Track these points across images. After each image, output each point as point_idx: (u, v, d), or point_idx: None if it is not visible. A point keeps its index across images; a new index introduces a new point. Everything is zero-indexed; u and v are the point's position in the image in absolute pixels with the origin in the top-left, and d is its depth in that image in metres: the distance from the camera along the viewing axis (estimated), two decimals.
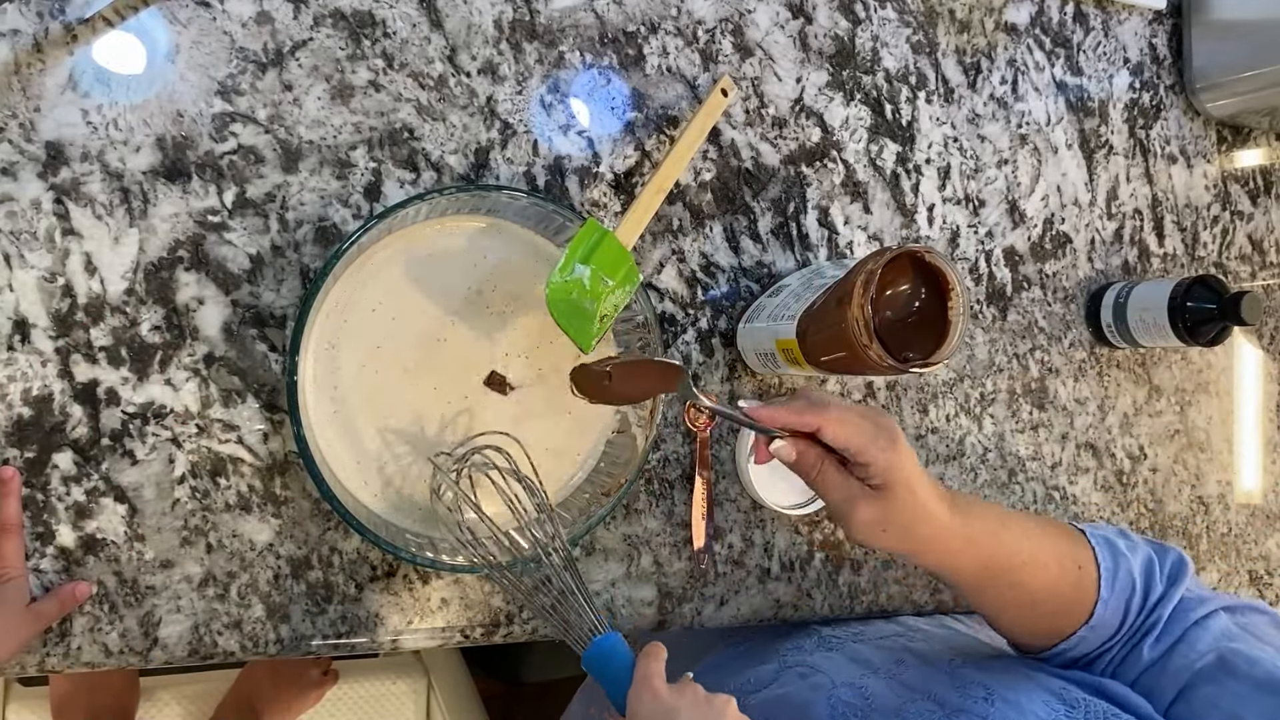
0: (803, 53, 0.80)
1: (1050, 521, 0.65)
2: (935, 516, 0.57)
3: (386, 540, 0.61)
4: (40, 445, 0.60)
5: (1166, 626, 0.61)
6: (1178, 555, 0.65)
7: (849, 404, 0.58)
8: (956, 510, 0.58)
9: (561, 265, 0.64)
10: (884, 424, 0.57)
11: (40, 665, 0.61)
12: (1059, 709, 0.56)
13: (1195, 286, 0.88)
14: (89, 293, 0.61)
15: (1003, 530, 0.60)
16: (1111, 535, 0.65)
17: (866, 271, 0.60)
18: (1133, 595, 0.62)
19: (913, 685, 0.63)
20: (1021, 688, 0.58)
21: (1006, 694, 0.58)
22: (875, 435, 0.56)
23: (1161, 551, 0.65)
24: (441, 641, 0.69)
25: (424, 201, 0.62)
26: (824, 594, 0.81)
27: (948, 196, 0.87)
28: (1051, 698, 0.57)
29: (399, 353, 0.65)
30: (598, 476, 0.70)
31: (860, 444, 0.56)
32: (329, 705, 1.08)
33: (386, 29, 0.67)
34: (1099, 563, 0.62)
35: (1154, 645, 0.61)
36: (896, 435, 0.56)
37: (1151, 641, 0.61)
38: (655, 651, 0.57)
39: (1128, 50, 0.96)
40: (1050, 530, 0.63)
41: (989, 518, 0.60)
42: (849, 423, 0.56)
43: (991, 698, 0.58)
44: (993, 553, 0.60)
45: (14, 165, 0.59)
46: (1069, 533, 0.64)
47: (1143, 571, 0.63)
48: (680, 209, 0.76)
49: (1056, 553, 0.62)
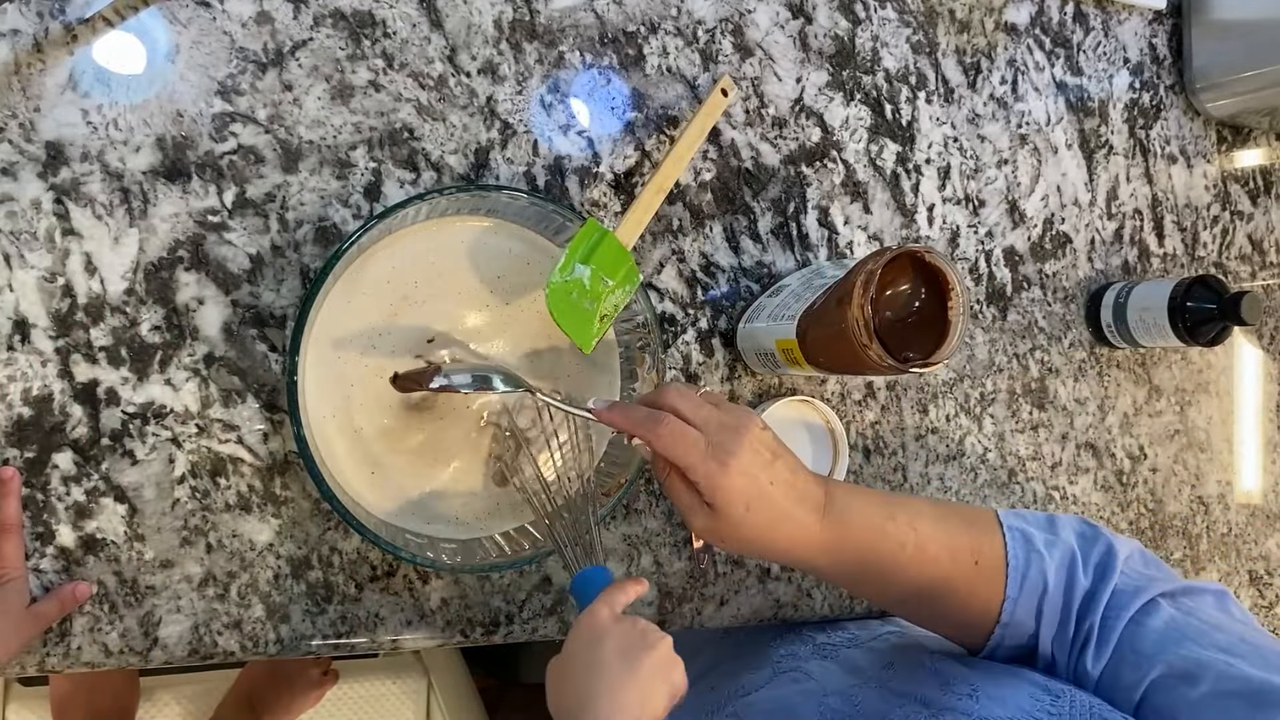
0: (803, 53, 0.80)
1: (956, 511, 0.63)
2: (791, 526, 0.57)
3: (386, 540, 0.61)
4: (40, 445, 0.60)
5: (1102, 634, 0.58)
6: (1105, 545, 0.62)
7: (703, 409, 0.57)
8: (830, 515, 0.57)
9: (561, 265, 0.64)
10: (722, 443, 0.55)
11: (40, 665, 0.61)
12: (1044, 699, 0.56)
13: (1195, 286, 0.88)
14: (89, 293, 0.61)
15: (888, 523, 0.59)
16: (1035, 528, 0.63)
17: (866, 271, 0.60)
18: (1045, 594, 0.60)
19: (900, 690, 0.62)
20: (1006, 682, 0.58)
21: (991, 689, 0.58)
22: (704, 458, 0.54)
23: (1088, 544, 0.62)
24: (441, 641, 0.69)
25: (424, 201, 0.62)
26: (824, 594, 0.81)
27: (948, 196, 0.87)
28: (1036, 689, 0.57)
29: (399, 352, 0.65)
30: (598, 476, 0.70)
31: (688, 463, 0.55)
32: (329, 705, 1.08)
33: (386, 29, 0.67)
34: (1008, 559, 0.60)
35: (1096, 658, 0.58)
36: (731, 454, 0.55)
37: (1093, 654, 0.58)
38: (626, 585, 0.58)
39: (1128, 50, 0.96)
40: (950, 522, 0.61)
41: (871, 514, 0.59)
42: (681, 442, 0.55)
43: (976, 694, 0.58)
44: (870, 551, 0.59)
45: (14, 165, 0.59)
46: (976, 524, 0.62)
47: (1062, 568, 0.60)
48: (680, 209, 0.76)
49: (950, 546, 0.60)
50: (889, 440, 0.83)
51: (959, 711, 0.56)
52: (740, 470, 0.54)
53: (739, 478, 0.54)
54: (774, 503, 0.56)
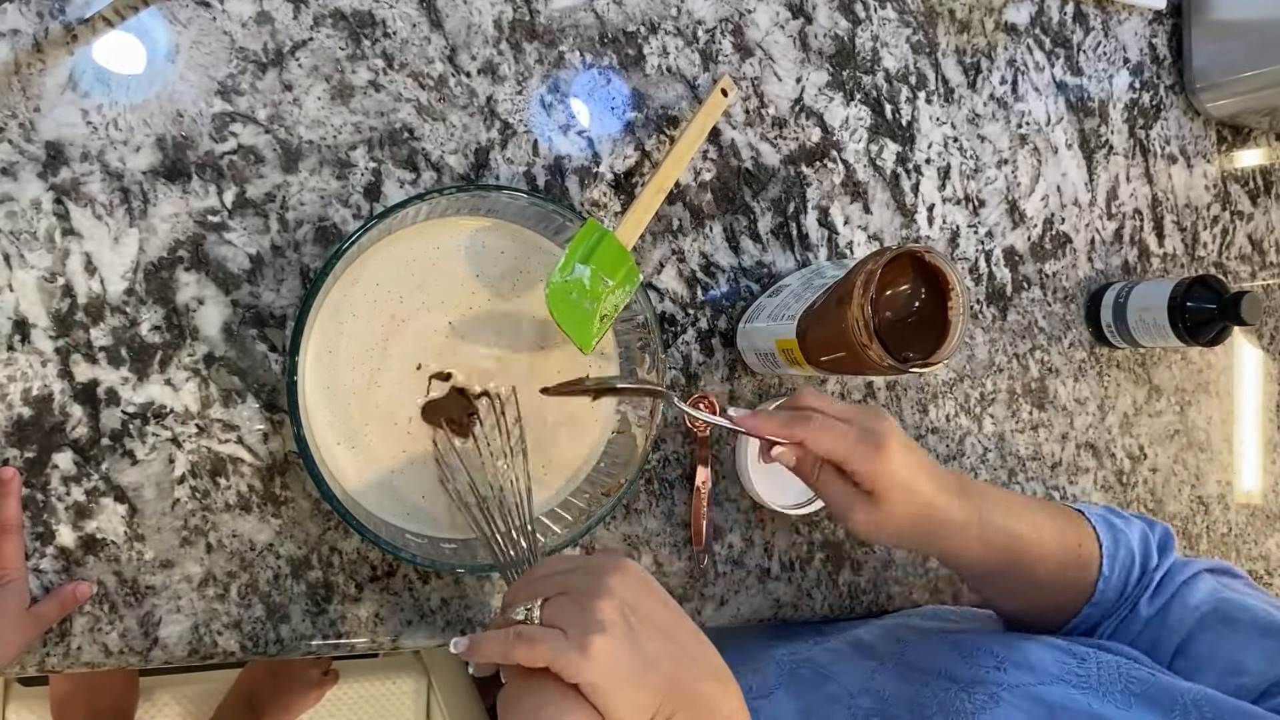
0: (803, 53, 0.80)
1: (1050, 503, 0.66)
2: (940, 512, 0.58)
3: (386, 540, 0.61)
4: (40, 445, 0.60)
5: (1160, 586, 0.64)
6: (1165, 528, 0.68)
7: (841, 405, 0.58)
8: (967, 502, 0.59)
9: (561, 265, 0.64)
10: (872, 428, 0.57)
11: (40, 665, 0.61)
12: (1069, 662, 0.58)
13: (1195, 286, 0.88)
14: (89, 293, 0.61)
15: (1010, 517, 0.61)
16: (1104, 513, 0.67)
17: (866, 271, 0.60)
18: (1132, 568, 0.64)
19: (919, 665, 0.63)
20: (1028, 648, 0.60)
21: (1014, 656, 0.59)
22: (858, 444, 0.56)
23: (1151, 525, 0.68)
24: (441, 641, 0.69)
25: (424, 201, 0.62)
26: (824, 594, 0.81)
27: (948, 196, 0.87)
28: (1060, 653, 0.59)
29: (399, 352, 0.65)
30: (598, 476, 0.70)
31: (843, 454, 0.56)
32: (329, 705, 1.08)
33: (386, 29, 0.67)
34: (1100, 541, 0.64)
35: (1150, 602, 0.63)
36: (884, 439, 0.56)
37: (1147, 598, 0.63)
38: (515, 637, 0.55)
39: (1128, 50, 0.96)
40: (1052, 512, 0.64)
41: (997, 505, 0.61)
42: (831, 433, 0.56)
43: (1003, 664, 0.59)
44: (1001, 541, 0.61)
45: (14, 165, 0.59)
46: (1068, 513, 0.65)
47: (1140, 545, 0.65)
48: (680, 209, 0.76)
49: (1059, 535, 0.63)
50: None
51: (990, 683, 0.57)
52: (896, 450, 0.56)
53: (898, 458, 0.56)
54: (922, 485, 0.57)
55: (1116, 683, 0.55)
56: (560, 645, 0.47)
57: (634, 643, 0.47)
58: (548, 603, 0.50)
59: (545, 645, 0.47)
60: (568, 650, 0.47)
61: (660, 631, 0.49)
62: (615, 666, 0.46)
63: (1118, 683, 0.55)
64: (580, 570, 0.51)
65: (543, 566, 0.54)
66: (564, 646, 0.47)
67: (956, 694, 0.58)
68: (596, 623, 0.47)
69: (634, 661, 0.47)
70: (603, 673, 0.46)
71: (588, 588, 0.49)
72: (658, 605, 0.50)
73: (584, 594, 0.49)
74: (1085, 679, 0.56)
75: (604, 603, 0.48)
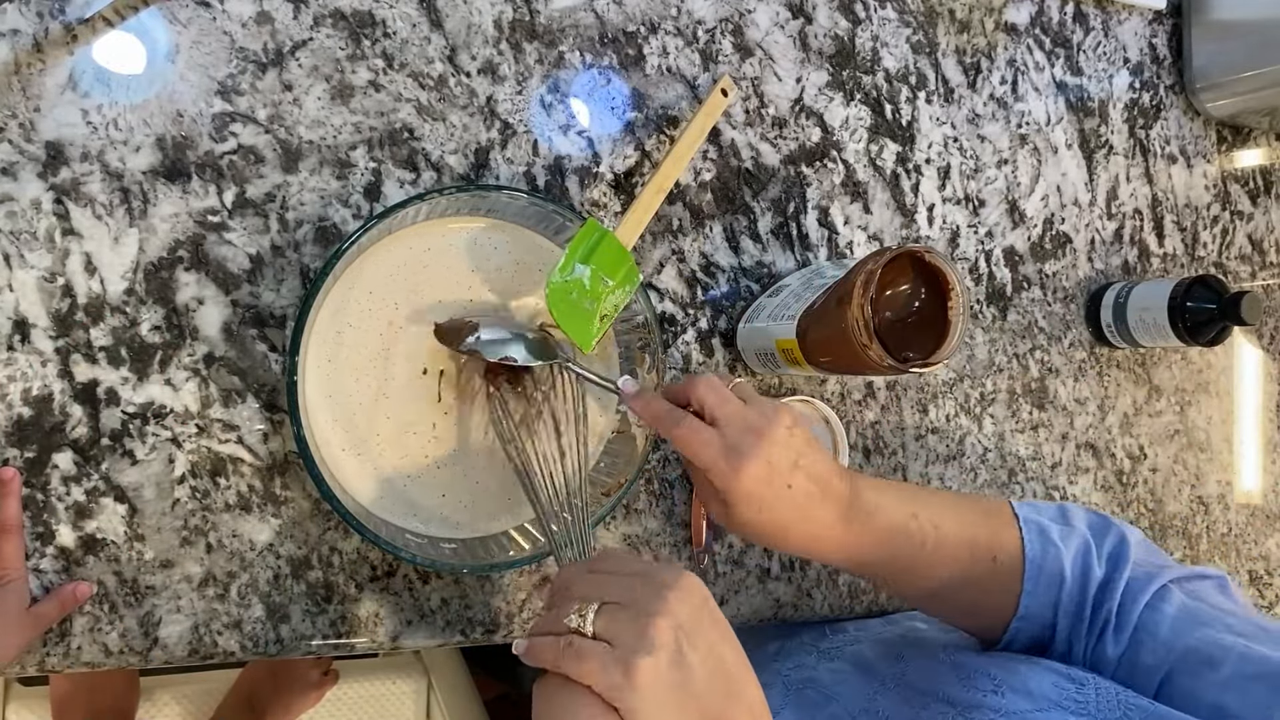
0: (803, 53, 0.80)
1: (974, 505, 0.64)
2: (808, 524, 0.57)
3: (386, 540, 0.61)
4: (40, 445, 0.60)
5: (1120, 619, 0.60)
6: (1118, 535, 0.64)
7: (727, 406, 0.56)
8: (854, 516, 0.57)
9: (561, 265, 0.64)
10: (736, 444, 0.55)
11: (40, 665, 0.61)
12: (1068, 688, 0.56)
13: (1195, 286, 0.88)
14: (89, 293, 0.61)
15: (910, 522, 0.59)
16: (1048, 519, 0.64)
17: (866, 271, 0.60)
18: (1063, 587, 0.61)
19: (919, 686, 0.63)
20: (1026, 672, 0.58)
21: (1013, 681, 0.58)
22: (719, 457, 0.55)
23: (1100, 534, 0.64)
24: (441, 641, 0.69)
25: (424, 201, 0.62)
26: (824, 594, 0.81)
27: (948, 196, 0.87)
28: (1058, 677, 0.57)
29: (399, 352, 0.65)
30: (598, 476, 0.70)
31: (702, 464, 0.55)
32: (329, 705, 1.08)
33: (386, 29, 0.67)
34: (1025, 553, 0.61)
35: (1115, 642, 0.60)
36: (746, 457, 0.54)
37: (1111, 639, 0.60)
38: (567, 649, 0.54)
39: (1128, 50, 0.96)
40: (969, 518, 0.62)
41: (895, 513, 0.59)
42: (694, 439, 0.55)
43: (1000, 688, 0.58)
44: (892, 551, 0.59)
45: (14, 165, 0.59)
46: (993, 518, 0.63)
47: (1078, 559, 0.62)
48: (680, 209, 0.76)
49: (970, 543, 0.61)
50: (889, 440, 0.83)
51: (987, 708, 0.56)
52: (752, 475, 0.54)
53: (750, 482, 0.54)
54: (792, 505, 0.56)
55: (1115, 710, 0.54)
56: (607, 664, 0.46)
57: (681, 670, 0.46)
58: (603, 609, 0.48)
59: (592, 664, 0.46)
60: (613, 670, 0.46)
61: (710, 659, 0.47)
62: (657, 693, 0.45)
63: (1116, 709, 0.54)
64: (642, 578, 0.49)
65: (604, 561, 0.52)
66: (610, 666, 0.46)
67: (954, 718, 0.58)
68: (648, 643, 0.46)
69: (677, 691, 0.46)
70: (644, 699, 0.45)
71: (646, 602, 0.47)
72: (713, 630, 0.49)
73: (642, 608, 0.47)
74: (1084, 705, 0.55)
75: (660, 621, 0.46)
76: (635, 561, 0.52)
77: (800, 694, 0.68)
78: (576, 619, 0.49)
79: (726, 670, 0.48)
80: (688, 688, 0.46)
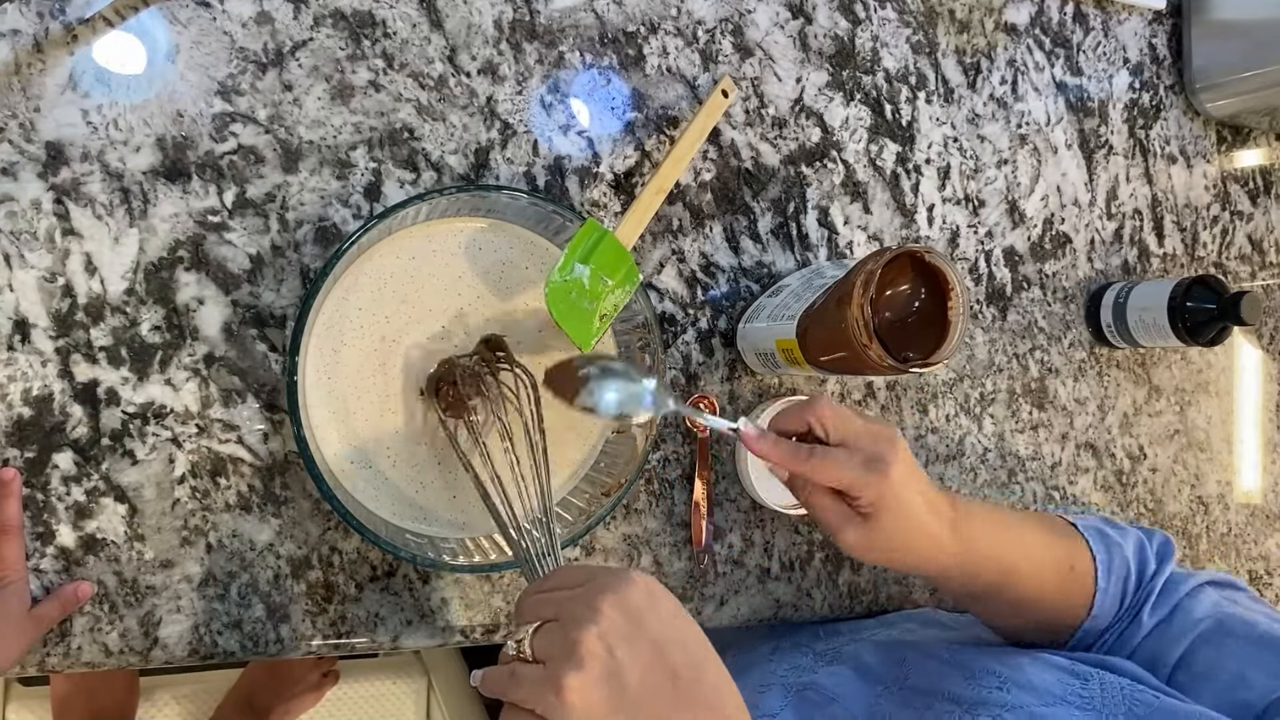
0: (803, 53, 0.80)
1: (1043, 521, 0.66)
2: (930, 537, 0.58)
3: (386, 540, 0.61)
4: (40, 445, 0.60)
5: (1162, 596, 0.64)
6: (1163, 537, 0.68)
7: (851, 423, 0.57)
8: (958, 527, 0.59)
9: (561, 265, 0.64)
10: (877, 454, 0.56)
11: (40, 665, 0.61)
12: (1073, 683, 0.57)
13: (1195, 286, 0.88)
14: (89, 293, 0.61)
15: (1001, 542, 0.61)
16: (1099, 524, 0.67)
17: (866, 271, 0.60)
18: (1129, 577, 0.65)
19: (922, 687, 0.63)
20: (1030, 668, 0.59)
21: (1018, 676, 0.59)
22: (864, 471, 0.55)
23: (1149, 534, 0.68)
24: (441, 641, 0.69)
25: (424, 202, 0.62)
26: (824, 594, 0.81)
27: (948, 196, 0.87)
28: (1062, 673, 0.58)
29: (399, 352, 0.65)
30: (598, 476, 0.70)
31: (848, 482, 0.56)
32: (329, 705, 1.08)
33: (386, 29, 0.67)
34: (1094, 555, 0.64)
35: (1152, 612, 0.63)
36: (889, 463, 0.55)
37: (1150, 608, 0.63)
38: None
39: (1127, 50, 0.96)
40: (1044, 533, 0.64)
41: (989, 529, 0.61)
42: (833, 464, 0.56)
43: (1006, 684, 0.58)
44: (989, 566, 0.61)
45: (14, 165, 0.59)
46: (1061, 531, 0.65)
47: (1135, 554, 0.65)
48: (680, 209, 0.76)
49: (1052, 557, 0.63)
50: None
51: (992, 704, 0.57)
52: (899, 478, 0.56)
53: (898, 485, 0.56)
54: (918, 514, 0.57)
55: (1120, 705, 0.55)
56: (538, 687, 0.45)
57: (613, 679, 0.44)
58: (540, 630, 0.47)
59: (527, 688, 0.45)
60: (545, 691, 0.44)
61: (653, 662, 0.45)
62: (590, 707, 0.44)
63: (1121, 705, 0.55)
64: (582, 589, 0.47)
65: (550, 579, 0.50)
66: (542, 687, 0.45)
67: (960, 716, 0.58)
68: (575, 658, 0.44)
69: (612, 700, 0.44)
70: (576, 715, 0.43)
71: (577, 614, 0.46)
72: (658, 628, 0.46)
73: (571, 622, 0.46)
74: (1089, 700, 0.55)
75: (586, 634, 0.44)
76: (580, 573, 0.49)
77: (801, 695, 0.68)
78: (514, 645, 0.48)
79: (674, 668, 0.46)
80: (624, 696, 0.44)
